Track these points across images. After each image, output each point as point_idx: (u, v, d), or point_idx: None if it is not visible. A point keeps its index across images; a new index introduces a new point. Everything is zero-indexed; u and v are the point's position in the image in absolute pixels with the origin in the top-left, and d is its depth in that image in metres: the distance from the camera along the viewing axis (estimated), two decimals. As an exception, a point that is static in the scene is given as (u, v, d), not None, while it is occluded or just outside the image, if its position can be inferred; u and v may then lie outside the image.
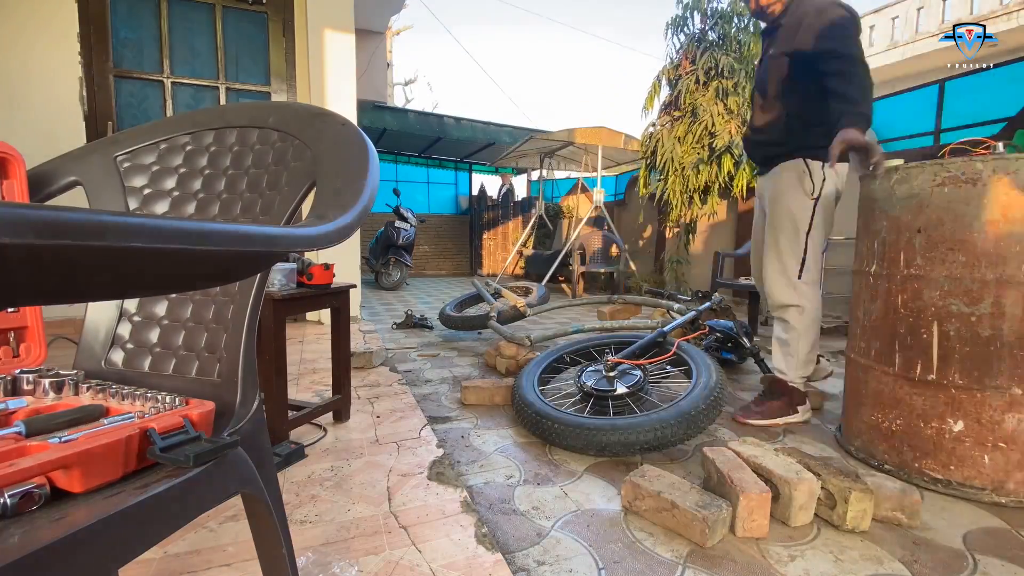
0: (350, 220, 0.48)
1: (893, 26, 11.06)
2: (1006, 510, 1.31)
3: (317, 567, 0.97)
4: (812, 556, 1.10)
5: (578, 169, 8.99)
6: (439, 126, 9.51)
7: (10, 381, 0.60)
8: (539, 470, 1.50)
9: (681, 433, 1.49)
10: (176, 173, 0.77)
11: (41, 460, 0.42)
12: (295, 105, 0.75)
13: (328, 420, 1.74)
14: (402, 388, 2.17)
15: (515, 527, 1.19)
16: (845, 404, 1.76)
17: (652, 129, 5.64)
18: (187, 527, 1.03)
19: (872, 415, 1.57)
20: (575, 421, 1.57)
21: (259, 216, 0.70)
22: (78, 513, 0.41)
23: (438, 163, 12.50)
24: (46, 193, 0.76)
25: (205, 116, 0.79)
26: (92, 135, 3.21)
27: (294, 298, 1.53)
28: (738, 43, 5.16)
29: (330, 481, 1.31)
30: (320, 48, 3.61)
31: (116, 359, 0.73)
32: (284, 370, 1.48)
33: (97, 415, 0.54)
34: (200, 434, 0.51)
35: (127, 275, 0.31)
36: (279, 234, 0.39)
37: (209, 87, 3.52)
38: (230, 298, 0.69)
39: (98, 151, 0.79)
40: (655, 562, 1.07)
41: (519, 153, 8.12)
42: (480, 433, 1.78)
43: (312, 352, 2.78)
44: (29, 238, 0.22)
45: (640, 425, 1.49)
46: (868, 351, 1.59)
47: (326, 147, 0.65)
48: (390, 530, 1.09)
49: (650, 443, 1.47)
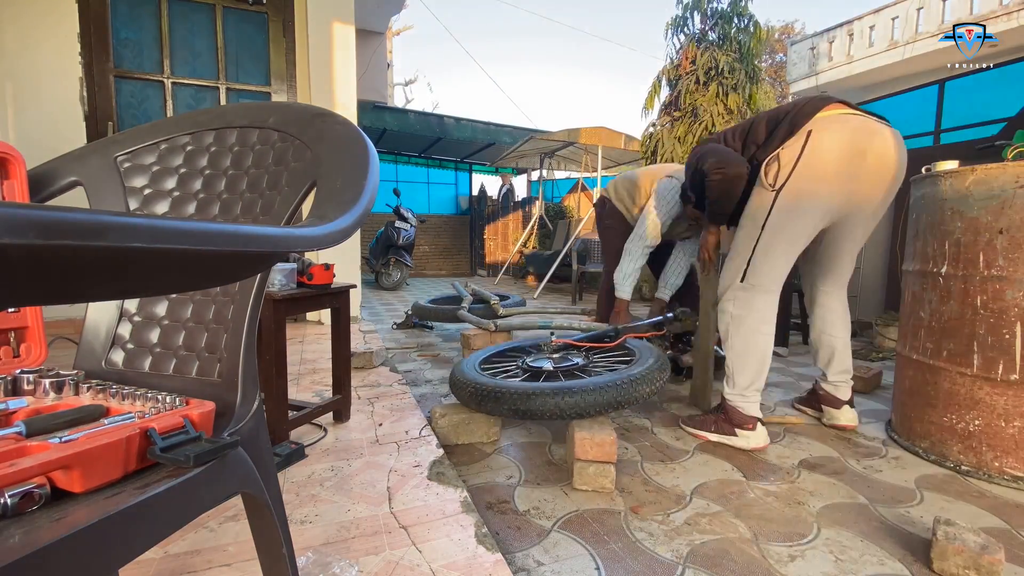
0: (351, 220, 0.48)
1: (893, 26, 11.06)
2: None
3: (317, 567, 0.97)
4: (812, 556, 1.10)
5: (578, 169, 9.00)
6: (439, 126, 9.51)
7: (10, 381, 0.60)
8: (539, 470, 1.50)
9: (611, 398, 1.46)
10: (176, 173, 0.77)
11: (41, 460, 0.42)
12: (295, 105, 0.75)
13: (328, 420, 1.74)
14: (402, 388, 2.17)
15: (515, 527, 1.19)
16: (900, 404, 1.78)
17: (652, 129, 5.64)
18: (187, 527, 1.03)
19: (945, 416, 1.58)
20: (513, 385, 1.55)
21: (259, 216, 0.70)
22: (78, 513, 0.41)
23: (438, 163, 12.50)
24: (47, 193, 0.76)
25: (205, 116, 0.79)
26: (92, 135, 3.21)
27: (294, 298, 1.53)
28: (738, 43, 5.16)
29: (330, 481, 1.31)
30: (320, 48, 3.61)
31: (116, 359, 0.73)
32: (284, 370, 1.48)
33: (97, 415, 0.54)
34: (200, 434, 0.51)
35: (127, 275, 0.31)
36: (279, 234, 0.39)
37: (209, 87, 3.52)
38: (230, 298, 0.69)
39: (98, 151, 0.79)
40: (655, 562, 1.07)
41: (519, 153, 8.13)
42: (480, 433, 1.77)
43: (312, 352, 2.78)
44: (30, 238, 0.22)
45: (570, 388, 1.46)
46: (938, 352, 1.61)
47: (326, 147, 0.65)
48: (390, 530, 1.09)
49: (580, 406, 1.44)
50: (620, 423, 1.90)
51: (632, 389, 1.50)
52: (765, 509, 1.30)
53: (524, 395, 1.49)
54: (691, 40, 5.33)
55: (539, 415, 1.47)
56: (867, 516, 1.28)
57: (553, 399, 1.45)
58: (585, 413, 1.45)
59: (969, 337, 1.52)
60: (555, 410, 1.45)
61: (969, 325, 1.52)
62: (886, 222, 3.88)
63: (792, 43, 14.09)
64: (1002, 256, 1.45)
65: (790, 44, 14.19)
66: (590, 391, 1.46)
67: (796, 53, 13.44)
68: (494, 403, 1.53)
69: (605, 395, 1.46)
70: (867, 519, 1.26)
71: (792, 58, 13.59)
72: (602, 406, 1.46)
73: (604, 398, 1.46)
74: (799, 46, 13.48)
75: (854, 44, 11.87)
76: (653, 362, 1.65)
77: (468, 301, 3.47)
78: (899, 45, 10.92)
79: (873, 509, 1.31)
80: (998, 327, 1.46)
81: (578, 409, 1.45)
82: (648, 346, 1.87)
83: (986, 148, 2.05)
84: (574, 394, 1.45)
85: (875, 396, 2.29)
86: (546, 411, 1.45)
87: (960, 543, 1.03)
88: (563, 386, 1.49)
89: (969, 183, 1.52)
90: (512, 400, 1.50)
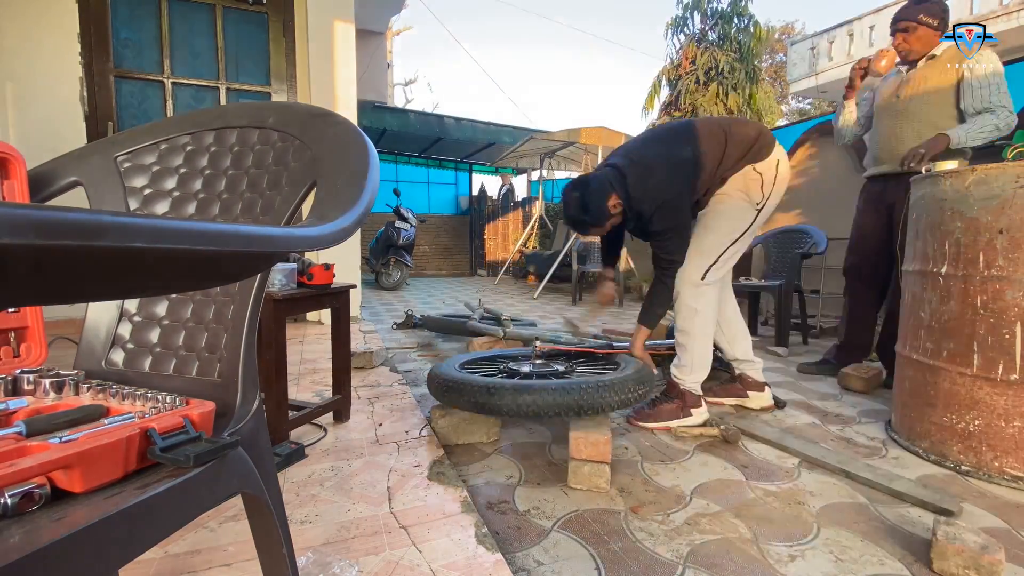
0: (351, 220, 0.48)
1: (893, 26, 11.05)
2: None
3: (317, 567, 0.97)
4: (812, 556, 1.10)
5: (578, 169, 8.99)
6: (439, 126, 9.52)
7: (11, 381, 0.60)
8: (539, 470, 1.50)
9: (571, 401, 1.46)
10: (176, 173, 0.77)
11: (42, 460, 0.42)
12: (296, 105, 0.75)
13: (328, 420, 1.74)
14: (402, 388, 2.17)
15: (515, 527, 1.19)
16: (900, 405, 1.78)
17: (652, 129, 5.64)
18: (187, 527, 1.03)
19: (945, 416, 1.59)
20: (475, 380, 1.55)
21: (259, 216, 0.70)
22: (78, 513, 0.41)
23: (438, 163, 12.51)
24: (47, 193, 0.76)
25: (205, 116, 0.79)
26: (92, 135, 3.22)
27: (294, 298, 1.53)
28: (738, 43, 5.16)
29: (330, 481, 1.31)
30: (320, 48, 3.61)
31: (116, 359, 0.73)
32: (284, 370, 1.48)
33: (97, 415, 0.54)
34: (200, 434, 0.51)
35: (128, 275, 0.31)
36: (280, 234, 0.39)
37: (209, 87, 3.53)
38: (230, 298, 0.69)
39: (98, 151, 0.79)
40: (655, 562, 1.07)
41: (519, 153, 8.13)
42: (480, 433, 1.77)
43: (312, 352, 2.78)
44: (30, 238, 0.22)
45: (530, 387, 1.48)
46: (938, 352, 1.61)
47: (327, 147, 0.65)
48: (390, 530, 1.09)
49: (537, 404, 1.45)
50: (620, 423, 1.90)
51: (596, 395, 1.48)
52: (765, 509, 1.30)
53: (484, 389, 1.49)
54: (691, 40, 5.33)
55: (497, 411, 1.49)
56: (867, 516, 1.28)
57: (512, 396, 1.46)
58: (542, 413, 1.46)
59: (969, 337, 1.52)
60: (512, 407, 1.46)
61: (969, 325, 1.52)
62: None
63: (792, 43, 14.09)
64: (1002, 256, 1.45)
65: (790, 44, 14.20)
66: (549, 391, 1.46)
67: (796, 53, 13.44)
68: (456, 395, 1.55)
69: (565, 397, 1.46)
70: (867, 519, 1.26)
71: (792, 58, 13.60)
72: (560, 408, 1.46)
73: (563, 400, 1.45)
74: (799, 46, 13.49)
75: (854, 44, 11.87)
76: (631, 373, 1.62)
77: (479, 314, 3.44)
78: (899, 45, 10.88)
79: (873, 509, 1.31)
80: (998, 327, 1.46)
81: (535, 408, 1.45)
82: (636, 362, 1.82)
83: (986, 148, 2.05)
84: (533, 393, 1.46)
85: (875, 396, 2.29)
86: (503, 407, 1.47)
87: (960, 543, 1.03)
88: (522, 384, 1.49)
89: (969, 183, 1.52)
90: (472, 393, 1.51)
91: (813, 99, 15.83)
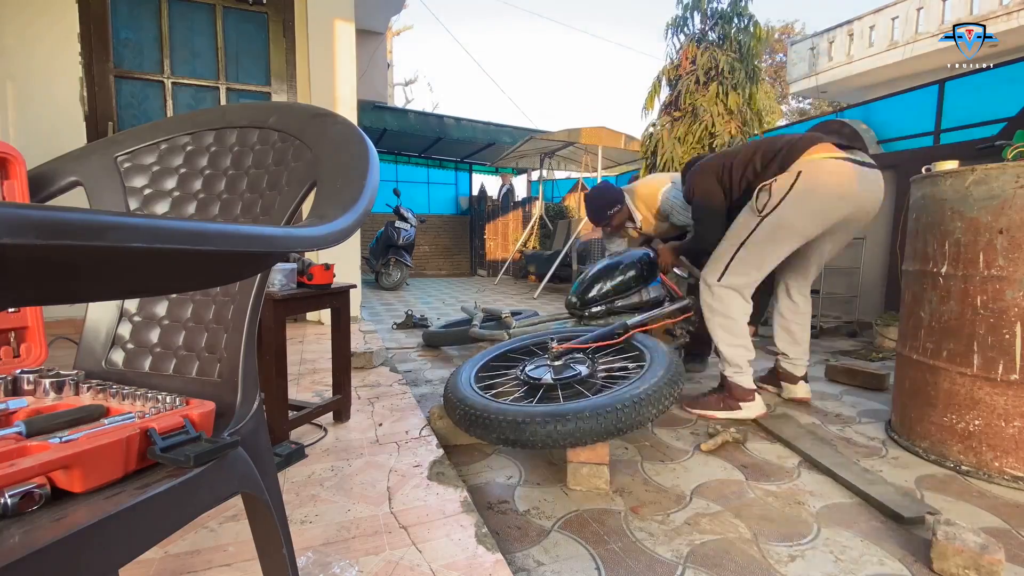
0: (351, 221, 0.48)
1: (893, 26, 11.07)
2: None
3: (317, 567, 0.97)
4: (812, 556, 1.10)
5: (578, 169, 9.00)
6: (439, 126, 9.52)
7: (11, 381, 0.60)
8: (539, 470, 1.50)
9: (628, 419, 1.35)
10: (176, 173, 0.77)
11: (42, 460, 0.42)
12: (296, 105, 0.75)
13: (328, 420, 1.74)
14: (402, 388, 2.17)
15: (515, 527, 1.19)
16: (901, 404, 1.78)
17: (652, 129, 5.64)
18: (187, 527, 1.03)
19: (945, 416, 1.59)
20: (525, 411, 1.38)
21: (259, 216, 0.70)
22: (78, 513, 0.41)
23: (438, 163, 12.51)
24: (47, 193, 0.76)
25: (205, 116, 0.79)
26: (93, 135, 3.21)
27: (294, 298, 1.53)
28: (738, 43, 5.15)
29: (330, 481, 1.31)
30: (320, 48, 3.61)
31: (116, 359, 0.73)
32: (284, 370, 1.48)
33: (98, 415, 0.54)
34: (200, 434, 0.51)
35: (128, 275, 0.31)
36: (280, 235, 0.39)
37: (209, 87, 3.52)
38: (230, 298, 0.69)
39: (98, 151, 0.79)
40: (655, 562, 1.07)
41: (519, 153, 8.13)
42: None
43: (312, 352, 2.78)
44: (30, 238, 0.22)
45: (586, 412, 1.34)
46: (938, 352, 1.61)
47: (326, 147, 0.65)
48: (390, 530, 1.09)
49: (598, 432, 1.33)
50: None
51: (635, 412, 1.36)
52: (765, 509, 1.30)
53: (513, 425, 1.37)
54: (691, 40, 5.32)
55: (531, 445, 1.35)
56: (867, 516, 1.28)
57: (544, 427, 1.33)
58: (580, 443, 1.35)
59: (969, 337, 1.52)
60: (546, 439, 1.33)
61: (969, 325, 1.52)
62: (885, 223, 3.88)
63: (792, 43, 14.10)
64: (1002, 256, 1.45)
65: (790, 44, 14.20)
66: (585, 418, 1.34)
67: (796, 53, 13.44)
68: (482, 431, 1.43)
69: (603, 422, 1.33)
70: (867, 519, 1.26)
71: (792, 58, 13.60)
72: (599, 434, 1.34)
73: (601, 426, 1.33)
74: (799, 46, 13.49)
75: (854, 44, 11.88)
76: (662, 375, 1.49)
77: (479, 319, 3.40)
78: (899, 45, 10.92)
79: (873, 509, 1.31)
80: (998, 327, 1.46)
81: (572, 439, 1.34)
82: (661, 352, 1.68)
83: (986, 148, 2.06)
84: (567, 421, 1.33)
85: (875, 396, 2.29)
86: (537, 441, 1.34)
87: (960, 543, 1.03)
88: (554, 412, 1.36)
89: (969, 183, 1.52)
90: (500, 429, 1.38)
91: (813, 99, 15.85)
